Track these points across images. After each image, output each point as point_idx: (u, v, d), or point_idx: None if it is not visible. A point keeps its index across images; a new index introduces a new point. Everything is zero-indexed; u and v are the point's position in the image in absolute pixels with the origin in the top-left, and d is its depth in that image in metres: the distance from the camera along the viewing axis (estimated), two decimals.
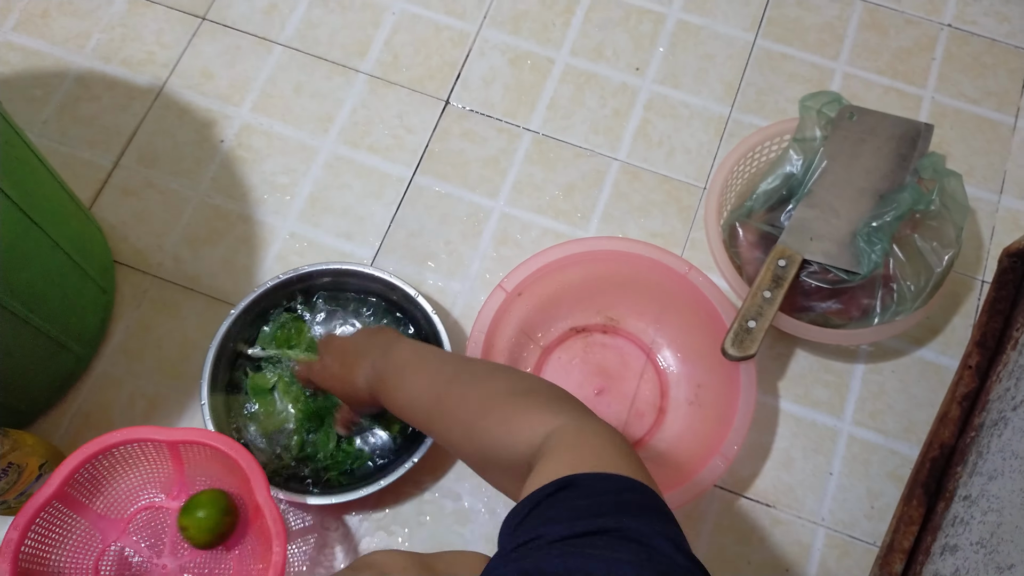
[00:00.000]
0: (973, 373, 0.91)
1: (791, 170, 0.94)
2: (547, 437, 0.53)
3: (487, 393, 0.60)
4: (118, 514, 0.83)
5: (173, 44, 1.08)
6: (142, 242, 0.99)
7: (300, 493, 0.83)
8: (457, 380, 0.64)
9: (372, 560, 0.59)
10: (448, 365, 0.67)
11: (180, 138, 1.04)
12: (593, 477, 0.48)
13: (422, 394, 0.66)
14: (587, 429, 0.53)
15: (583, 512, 0.45)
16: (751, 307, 0.86)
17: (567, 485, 0.47)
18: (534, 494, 0.48)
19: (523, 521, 0.47)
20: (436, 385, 0.65)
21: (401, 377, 0.69)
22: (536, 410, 0.56)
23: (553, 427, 0.53)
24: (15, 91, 1.05)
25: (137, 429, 0.78)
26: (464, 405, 0.61)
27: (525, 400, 0.58)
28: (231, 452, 0.77)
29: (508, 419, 0.57)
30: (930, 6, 1.16)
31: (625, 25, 1.13)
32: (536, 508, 0.47)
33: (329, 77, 1.08)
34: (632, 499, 0.47)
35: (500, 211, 1.03)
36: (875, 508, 0.92)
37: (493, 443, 0.57)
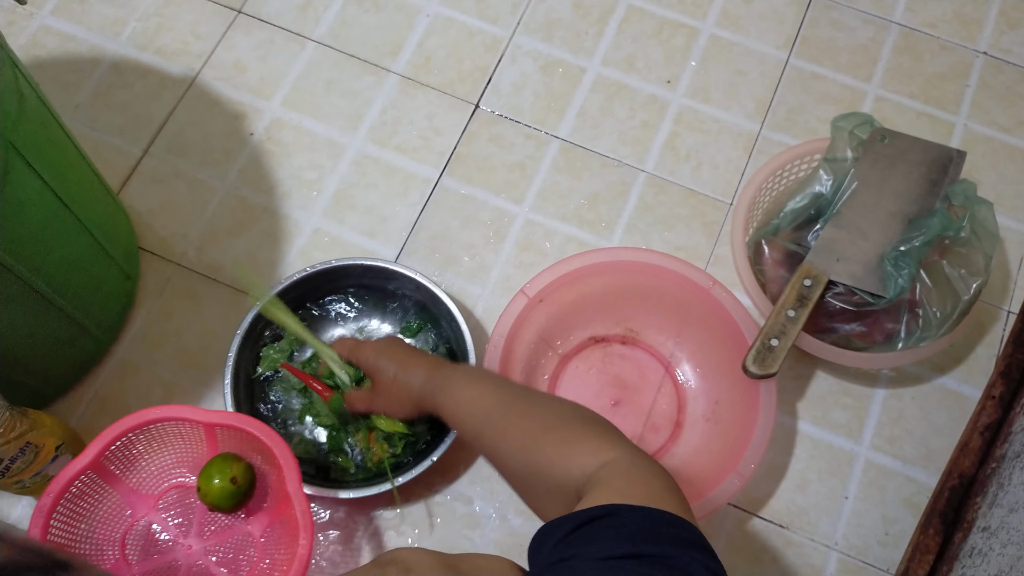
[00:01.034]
0: (996, 403, 0.90)
1: (820, 190, 0.94)
2: (601, 467, 0.55)
3: (550, 413, 0.63)
4: (149, 490, 0.84)
5: (208, 35, 1.09)
6: (167, 230, 1.00)
7: (322, 487, 0.83)
8: (522, 397, 0.67)
9: (397, 556, 0.59)
10: (512, 385, 0.71)
11: (210, 129, 1.04)
12: (637, 509, 0.49)
13: (482, 403, 0.68)
14: (639, 464, 0.55)
15: (624, 538, 0.47)
16: (774, 325, 0.86)
17: (612, 513, 0.49)
18: (576, 514, 0.50)
19: (564, 539, 0.48)
20: (500, 397, 0.67)
21: (464, 384, 0.71)
22: (594, 439, 0.58)
23: (608, 458, 0.55)
24: (50, 75, 1.06)
25: (176, 408, 0.79)
26: (525, 420, 0.63)
27: (585, 428, 0.60)
28: (267, 440, 0.77)
29: (566, 442, 0.58)
30: (965, 33, 1.15)
31: (658, 38, 1.12)
32: (579, 529, 0.48)
33: (360, 76, 1.08)
34: (674, 532, 0.48)
35: (524, 217, 1.02)
36: (890, 535, 0.91)
37: (547, 462, 0.58)
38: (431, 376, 0.75)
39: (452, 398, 0.72)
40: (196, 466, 0.84)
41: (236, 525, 0.83)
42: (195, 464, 0.85)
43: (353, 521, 0.89)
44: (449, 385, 0.73)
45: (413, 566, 0.58)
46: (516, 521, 0.90)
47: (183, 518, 0.83)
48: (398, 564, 0.58)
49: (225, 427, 0.80)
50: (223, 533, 0.83)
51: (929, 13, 1.16)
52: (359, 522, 0.89)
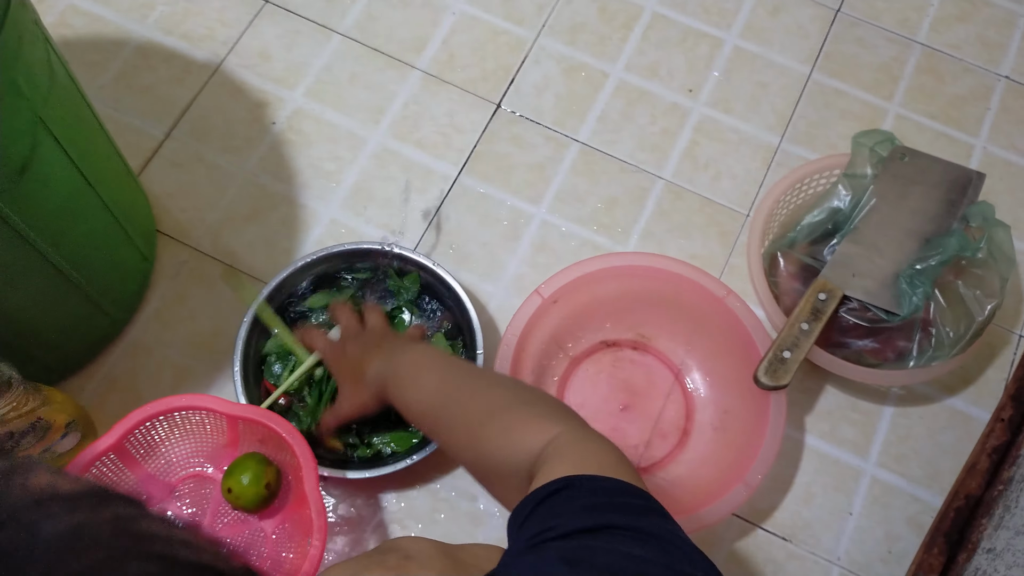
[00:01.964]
0: (1005, 426, 0.90)
1: (838, 205, 0.94)
2: (547, 444, 0.54)
3: (490, 401, 0.62)
4: (167, 477, 0.84)
5: (234, 23, 1.09)
6: (185, 214, 1.00)
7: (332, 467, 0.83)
8: (464, 386, 0.65)
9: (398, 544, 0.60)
10: (456, 371, 0.68)
11: (232, 116, 1.05)
12: (593, 478, 0.49)
13: (428, 396, 0.67)
14: (586, 438, 0.54)
15: (586, 509, 0.46)
16: (787, 337, 0.86)
17: (568, 485, 0.48)
18: (536, 492, 0.49)
19: (529, 516, 0.47)
20: (443, 388, 0.66)
21: (410, 375, 0.70)
22: (536, 420, 0.57)
23: (553, 435, 0.55)
24: (76, 55, 1.06)
25: (202, 397, 0.79)
26: (467, 412, 0.62)
27: (526, 410, 0.59)
28: (288, 438, 0.77)
29: (509, 428, 0.58)
30: (988, 56, 1.15)
31: (682, 46, 1.13)
32: (540, 505, 0.48)
33: (384, 70, 1.08)
34: (633, 501, 0.48)
35: (541, 218, 1.03)
36: (892, 553, 0.91)
37: (494, 451, 0.58)
38: (382, 370, 0.74)
39: (400, 396, 0.71)
40: (214, 457, 0.85)
41: (249, 520, 0.83)
42: (214, 455, 0.85)
43: (357, 516, 0.89)
44: (397, 381, 0.72)
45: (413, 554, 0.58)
46: None
47: (197, 508, 0.84)
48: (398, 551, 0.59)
49: (248, 421, 0.80)
50: (235, 526, 0.83)
51: (953, 35, 1.16)
52: (363, 517, 0.89)
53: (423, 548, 0.59)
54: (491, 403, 0.62)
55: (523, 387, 0.65)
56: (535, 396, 0.63)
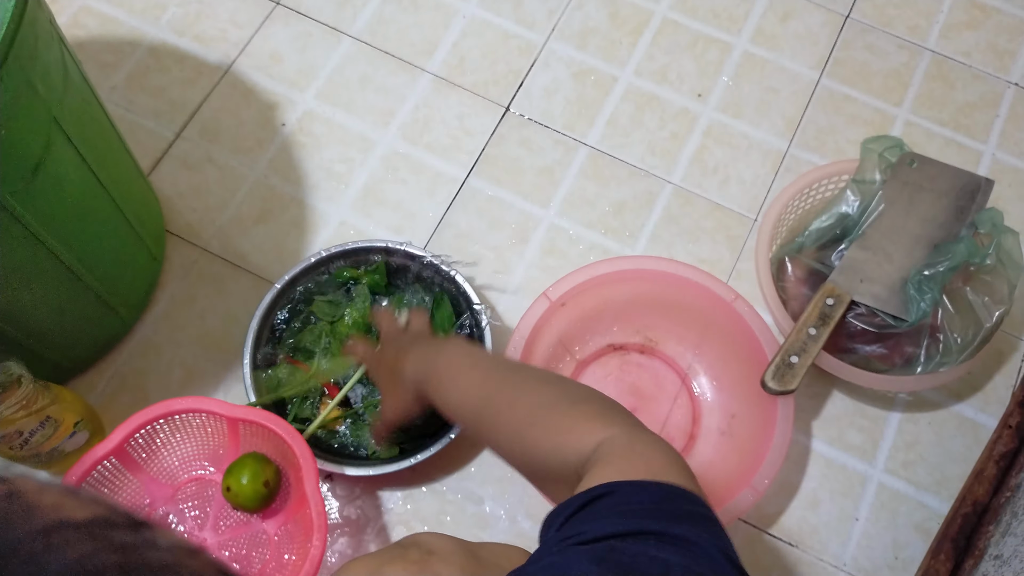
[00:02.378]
0: (1013, 433, 0.89)
1: (847, 210, 0.94)
2: (597, 447, 0.53)
3: (539, 400, 0.60)
4: (168, 480, 0.84)
5: (246, 24, 1.10)
6: (195, 215, 1.01)
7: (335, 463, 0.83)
8: (509, 383, 0.63)
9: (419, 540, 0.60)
10: (501, 367, 0.67)
11: (243, 117, 1.05)
12: (637, 484, 0.48)
13: (471, 393, 0.65)
14: (637, 439, 0.53)
15: (624, 515, 0.45)
16: (795, 342, 0.86)
17: (611, 491, 0.47)
18: (576, 497, 0.48)
19: (566, 521, 0.47)
20: (487, 386, 0.64)
21: (452, 373, 0.68)
22: (588, 420, 0.56)
23: (604, 437, 0.53)
24: (88, 55, 1.07)
25: (202, 400, 0.79)
26: (515, 410, 0.61)
27: (577, 409, 0.57)
28: (288, 439, 0.77)
29: (559, 428, 0.56)
30: (998, 63, 1.15)
31: (692, 51, 1.13)
32: (580, 511, 0.47)
33: (395, 73, 1.09)
34: (675, 507, 0.47)
35: (550, 221, 1.03)
36: (899, 559, 0.91)
37: (543, 451, 0.56)
38: (421, 367, 0.72)
39: (442, 394, 0.69)
40: (216, 459, 0.85)
41: (251, 522, 0.84)
42: (216, 457, 0.85)
43: (362, 517, 0.89)
44: (437, 378, 0.70)
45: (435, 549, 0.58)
46: (526, 524, 0.90)
47: (200, 511, 0.84)
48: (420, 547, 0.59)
49: (249, 423, 0.80)
50: (238, 528, 0.83)
51: (963, 42, 1.16)
52: (369, 518, 0.89)
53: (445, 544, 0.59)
54: (538, 402, 0.60)
55: (571, 384, 0.63)
56: (584, 394, 0.61)
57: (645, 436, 0.54)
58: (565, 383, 0.63)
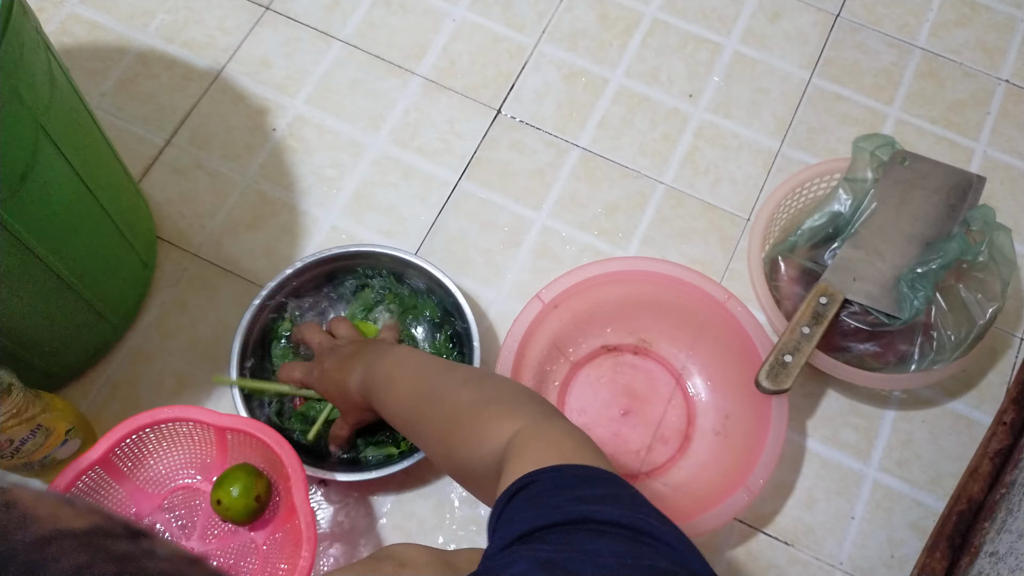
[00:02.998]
0: (1007, 429, 0.89)
1: (839, 209, 0.94)
2: (508, 442, 0.54)
3: (455, 408, 0.61)
4: (155, 489, 0.83)
5: (235, 30, 1.10)
6: (186, 221, 1.00)
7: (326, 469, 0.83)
8: (434, 390, 0.65)
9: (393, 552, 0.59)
10: (428, 372, 0.68)
11: (233, 123, 1.05)
12: (552, 470, 0.48)
13: (403, 401, 0.66)
14: (546, 427, 0.54)
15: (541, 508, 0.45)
16: (789, 341, 0.86)
17: (528, 483, 0.48)
18: (499, 499, 0.48)
19: (497, 522, 0.47)
20: (415, 393, 0.66)
21: (387, 386, 0.69)
22: (496, 419, 0.56)
23: (513, 431, 0.54)
24: (77, 63, 1.07)
25: (188, 408, 0.79)
26: (438, 417, 0.62)
27: (487, 411, 0.58)
28: (277, 448, 0.77)
29: (474, 433, 0.57)
30: (988, 61, 1.15)
31: (682, 52, 1.13)
32: (506, 507, 0.47)
33: (385, 77, 1.09)
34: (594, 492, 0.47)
35: (542, 224, 1.03)
36: (895, 557, 0.91)
37: (464, 455, 0.58)
38: (363, 383, 0.73)
39: (381, 406, 0.70)
40: (204, 468, 0.84)
41: (240, 532, 0.83)
42: (203, 466, 0.84)
43: (355, 522, 0.89)
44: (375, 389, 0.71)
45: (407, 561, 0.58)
46: None
47: (187, 520, 0.83)
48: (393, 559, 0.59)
49: (236, 431, 0.79)
50: (226, 538, 0.83)
51: (953, 40, 1.16)
52: (362, 524, 0.89)
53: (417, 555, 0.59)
54: (456, 406, 0.61)
55: (490, 383, 0.64)
56: (498, 392, 0.61)
57: (553, 422, 0.55)
58: (482, 382, 0.64)
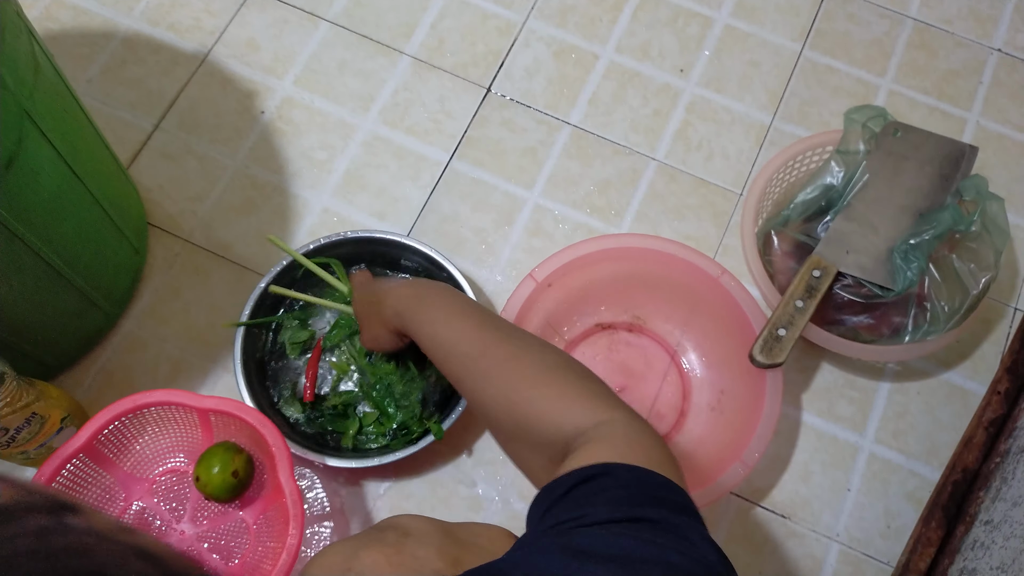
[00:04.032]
0: (1001, 399, 0.90)
1: (831, 182, 0.93)
2: (597, 424, 0.52)
3: (544, 362, 0.58)
4: (143, 474, 0.83)
5: (221, 12, 1.09)
6: (176, 207, 1.00)
7: (320, 454, 0.83)
8: (511, 338, 0.61)
9: (396, 522, 0.59)
10: (496, 320, 0.64)
11: (221, 106, 1.04)
12: (633, 469, 0.48)
13: (464, 339, 0.62)
14: (638, 429, 0.53)
15: (621, 500, 0.45)
16: (782, 315, 0.86)
17: (607, 472, 0.47)
18: (570, 475, 0.48)
19: (559, 500, 0.47)
20: (484, 335, 0.61)
21: (444, 313, 0.65)
22: (592, 396, 0.55)
23: (606, 417, 0.53)
24: (62, 48, 1.06)
25: (170, 392, 0.78)
26: (515, 367, 0.58)
27: (581, 383, 0.57)
28: (260, 428, 0.77)
29: (562, 396, 0.55)
30: (980, 30, 1.15)
31: (673, 26, 1.12)
32: (573, 490, 0.47)
33: (373, 57, 1.08)
34: (671, 497, 0.47)
35: (534, 202, 1.02)
36: (891, 528, 0.92)
37: (536, 416, 0.55)
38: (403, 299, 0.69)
39: (428, 334, 0.65)
40: (191, 451, 0.84)
41: (230, 512, 0.83)
42: (190, 449, 0.84)
43: (352, 501, 0.89)
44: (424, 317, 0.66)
45: (411, 531, 0.58)
46: (519, 505, 0.90)
47: (177, 503, 0.83)
48: (397, 529, 0.59)
49: (219, 413, 0.79)
50: (217, 519, 0.83)
51: (945, 9, 1.15)
52: (359, 502, 0.89)
53: (421, 525, 0.59)
54: (542, 364, 0.58)
55: (574, 361, 0.61)
56: (588, 372, 0.59)
57: (645, 427, 0.54)
58: (566, 356, 0.61)
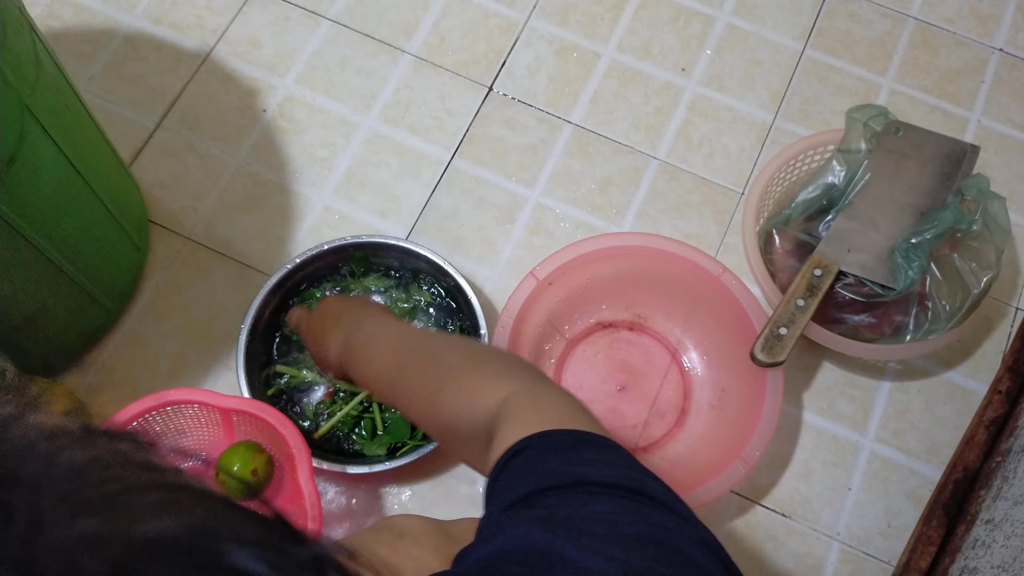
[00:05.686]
0: (1003, 398, 0.90)
1: (833, 181, 0.93)
2: (502, 404, 0.53)
3: (444, 366, 0.61)
4: None
5: (223, 10, 1.09)
6: (177, 204, 1.00)
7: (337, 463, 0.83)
8: (417, 354, 0.65)
9: (391, 523, 0.60)
10: (411, 339, 0.68)
11: (223, 104, 1.04)
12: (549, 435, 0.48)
13: (386, 368, 0.66)
14: (539, 391, 0.53)
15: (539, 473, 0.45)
16: (784, 314, 0.86)
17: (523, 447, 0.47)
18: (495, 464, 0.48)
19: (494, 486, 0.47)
20: (398, 359, 0.65)
21: (368, 350, 0.69)
22: (491, 378, 0.56)
23: (507, 393, 0.54)
24: (64, 46, 1.06)
25: (194, 391, 0.79)
26: (423, 379, 0.62)
27: (479, 370, 0.58)
28: (281, 429, 0.77)
29: (464, 390, 0.57)
30: (982, 29, 1.15)
31: (674, 25, 1.12)
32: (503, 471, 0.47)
33: (375, 55, 1.08)
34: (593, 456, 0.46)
35: (536, 200, 1.02)
36: (892, 527, 0.92)
37: (452, 414, 0.57)
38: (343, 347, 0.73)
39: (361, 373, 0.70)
40: (211, 450, 0.85)
41: None
42: (210, 448, 0.85)
43: (358, 501, 0.89)
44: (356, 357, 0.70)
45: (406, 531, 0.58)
46: None
47: None
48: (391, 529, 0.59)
49: (241, 413, 0.80)
50: None
51: (946, 8, 1.15)
52: (365, 503, 0.89)
53: (416, 525, 0.59)
54: (445, 366, 0.61)
55: (478, 347, 0.64)
56: (489, 355, 0.62)
57: (546, 387, 0.54)
58: (471, 346, 0.64)
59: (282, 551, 0.23)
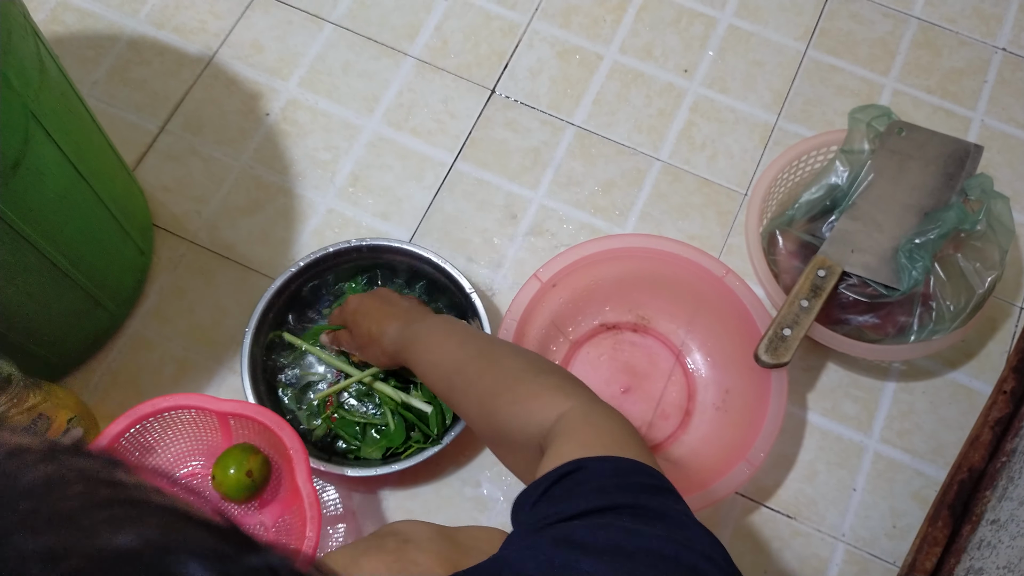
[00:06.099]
0: (1008, 398, 0.89)
1: (836, 181, 0.93)
2: (558, 419, 0.54)
3: (505, 371, 0.62)
4: None
5: (226, 15, 1.09)
6: (181, 208, 1.00)
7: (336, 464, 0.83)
8: (481, 355, 0.66)
9: (396, 528, 0.60)
10: (475, 339, 0.70)
11: (226, 108, 1.05)
12: (603, 459, 0.49)
13: (446, 361, 0.68)
14: (596, 412, 0.55)
15: (596, 491, 0.47)
16: (787, 315, 0.85)
17: (579, 467, 0.48)
18: (547, 475, 0.49)
19: (539, 500, 0.48)
20: (461, 355, 0.67)
21: (430, 341, 0.71)
22: (548, 392, 0.58)
23: (564, 409, 0.55)
24: (68, 51, 1.06)
25: (190, 396, 0.79)
26: (483, 380, 0.63)
27: (539, 381, 0.60)
28: (278, 430, 0.77)
29: (522, 398, 0.58)
30: (985, 29, 1.15)
31: (676, 26, 1.12)
32: (552, 487, 0.48)
33: (377, 58, 1.08)
34: (643, 481, 0.48)
35: (539, 202, 1.02)
36: (897, 528, 0.91)
37: (506, 420, 0.58)
38: (402, 333, 0.75)
39: (418, 360, 0.72)
40: (210, 454, 0.85)
41: (249, 515, 0.83)
42: (209, 452, 0.85)
43: (361, 504, 0.89)
44: (416, 345, 0.73)
45: (411, 537, 0.59)
46: None
47: None
48: (397, 535, 0.59)
49: (238, 416, 0.80)
50: None
51: (949, 8, 1.15)
52: (367, 505, 0.89)
53: (421, 531, 0.59)
54: (506, 373, 0.62)
55: (539, 359, 0.66)
56: (550, 368, 0.63)
57: (602, 409, 0.56)
58: (531, 357, 0.65)
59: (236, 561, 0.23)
